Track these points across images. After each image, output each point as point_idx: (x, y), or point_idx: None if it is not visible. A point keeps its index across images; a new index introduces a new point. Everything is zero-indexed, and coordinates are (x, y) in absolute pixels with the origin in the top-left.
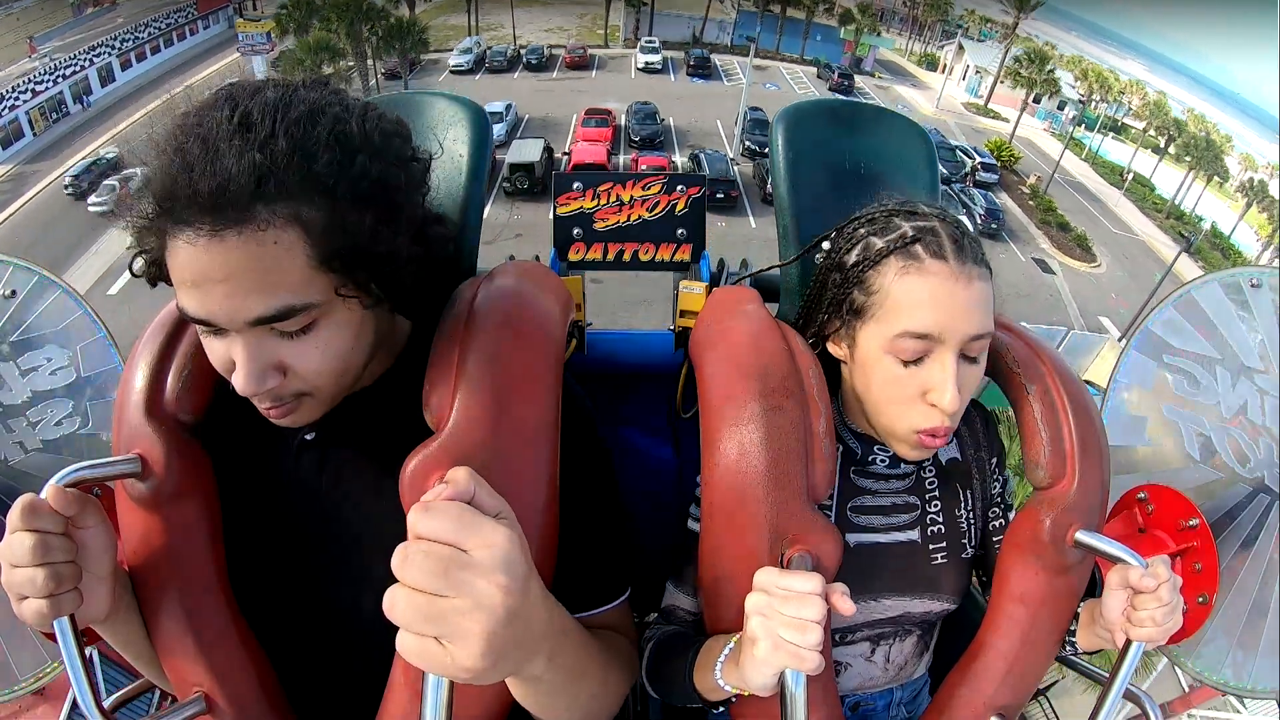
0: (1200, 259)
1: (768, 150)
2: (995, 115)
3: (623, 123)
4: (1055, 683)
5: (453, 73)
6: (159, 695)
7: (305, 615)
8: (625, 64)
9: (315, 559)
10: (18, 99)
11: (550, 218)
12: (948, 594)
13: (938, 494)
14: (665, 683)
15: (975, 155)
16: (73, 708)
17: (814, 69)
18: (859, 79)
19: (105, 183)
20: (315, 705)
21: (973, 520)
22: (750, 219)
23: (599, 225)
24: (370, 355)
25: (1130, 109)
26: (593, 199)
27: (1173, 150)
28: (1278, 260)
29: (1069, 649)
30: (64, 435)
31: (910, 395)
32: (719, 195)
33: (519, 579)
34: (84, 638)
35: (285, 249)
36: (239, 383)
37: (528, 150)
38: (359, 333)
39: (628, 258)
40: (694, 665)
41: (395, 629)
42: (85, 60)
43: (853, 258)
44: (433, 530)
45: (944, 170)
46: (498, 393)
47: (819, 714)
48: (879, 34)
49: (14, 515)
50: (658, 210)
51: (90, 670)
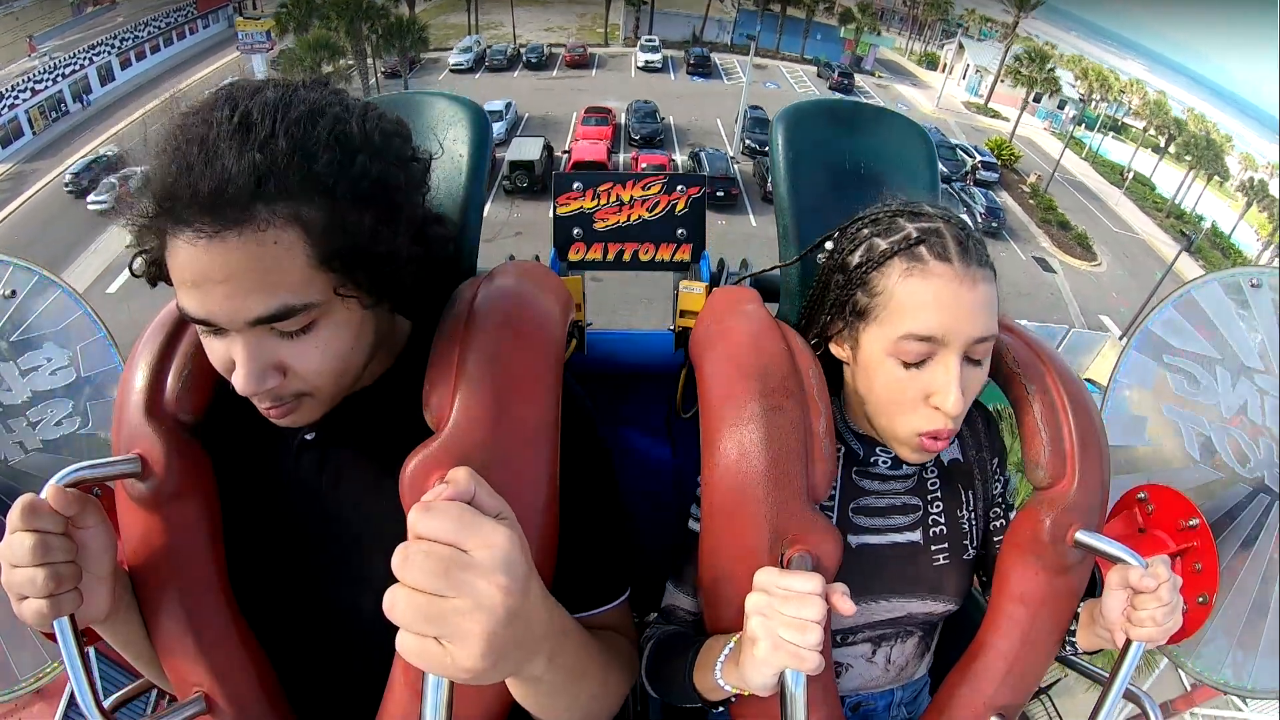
0: (1201, 258)
1: (768, 149)
2: (995, 114)
3: (623, 121)
4: (1057, 681)
5: (452, 71)
6: (159, 695)
7: (305, 615)
8: (625, 63)
9: (315, 559)
10: (17, 98)
11: (550, 216)
12: (949, 595)
13: (940, 495)
14: (665, 682)
15: (975, 154)
16: (69, 706)
17: (814, 68)
18: (859, 78)
19: (105, 181)
20: (315, 705)
21: (974, 521)
22: (750, 217)
23: (599, 225)
24: (370, 355)
25: (1130, 108)
26: (593, 199)
27: (1173, 149)
28: (1278, 260)
29: (1069, 649)
30: (64, 435)
31: (913, 398)
32: (719, 193)
33: (519, 579)
34: (84, 638)
35: (285, 249)
36: (239, 383)
37: (527, 148)
38: (359, 333)
39: (628, 258)
40: (694, 665)
41: (395, 629)
42: (85, 59)
43: (856, 259)
44: (433, 530)
45: (944, 169)
46: (498, 393)
47: (819, 714)
48: (879, 33)
49: (14, 515)
50: (658, 210)
51: (90, 670)
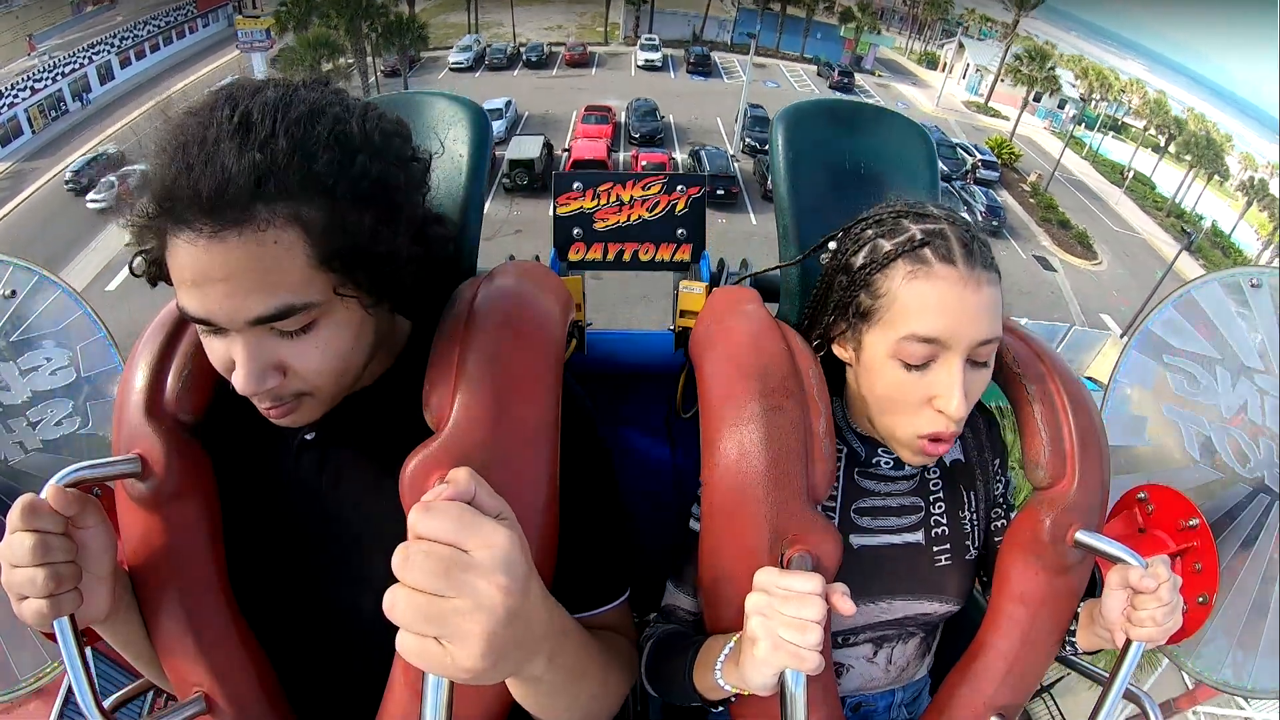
0: (1201, 257)
1: (767, 148)
2: (995, 113)
3: (623, 120)
4: (1059, 680)
5: (452, 70)
6: (159, 695)
7: (305, 615)
8: (625, 62)
9: (315, 559)
10: (16, 97)
11: (550, 214)
12: (951, 596)
13: (942, 495)
14: (664, 681)
15: (975, 152)
16: (65, 703)
17: (814, 67)
18: (859, 77)
19: (104, 179)
20: (315, 705)
21: (976, 522)
22: (751, 215)
23: (599, 225)
24: (370, 355)
25: (1130, 108)
26: (593, 199)
27: (1173, 149)
28: (1278, 260)
29: (1069, 649)
30: (64, 435)
31: (916, 401)
32: (719, 191)
33: (519, 579)
34: (84, 638)
35: (285, 249)
36: (239, 382)
37: (527, 146)
38: (359, 333)
39: (628, 258)
40: (693, 664)
41: (395, 629)
42: (84, 58)
43: (859, 260)
44: (433, 530)
45: (945, 167)
46: (498, 393)
47: (819, 714)
48: (879, 32)
49: (14, 515)
50: (658, 210)
51: (90, 670)
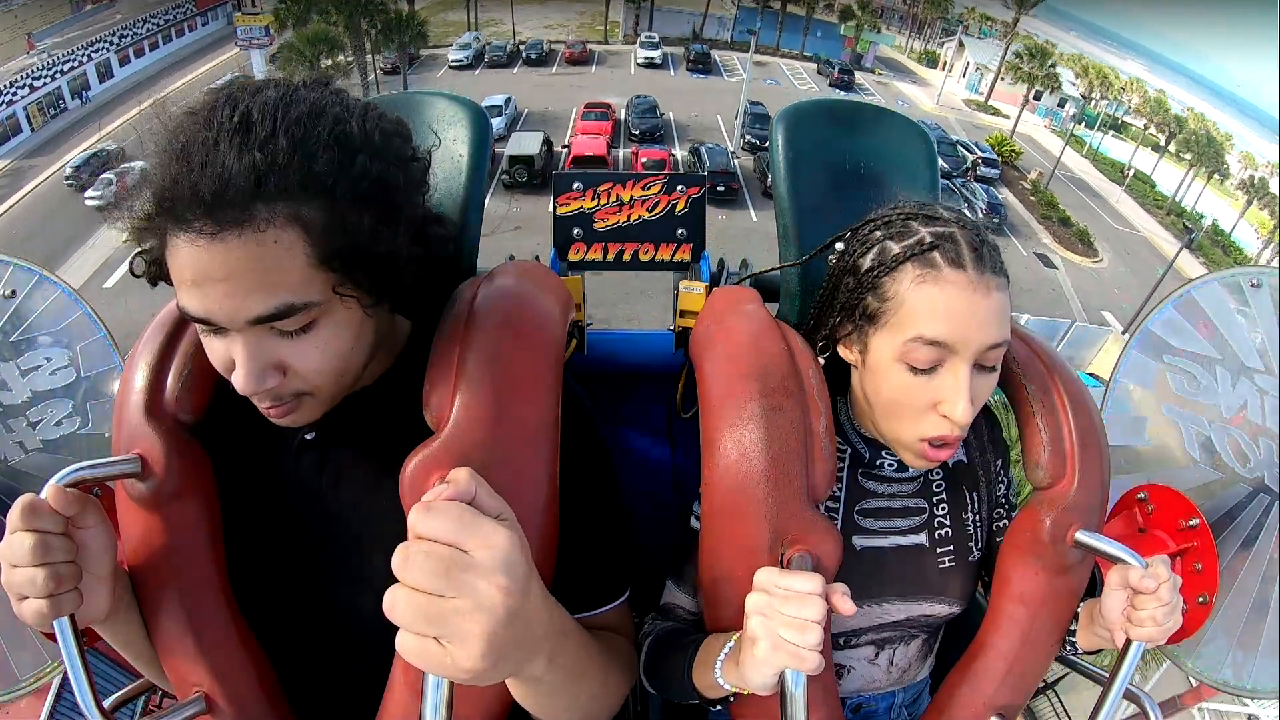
0: (1201, 255)
1: (768, 145)
2: (995, 111)
3: (622, 117)
4: (1063, 677)
5: (452, 68)
6: (159, 695)
7: (305, 615)
8: (625, 60)
9: (315, 559)
10: (15, 95)
11: (549, 210)
12: (954, 597)
13: (945, 497)
14: (663, 679)
15: (976, 150)
16: (56, 700)
17: (814, 65)
18: (859, 75)
19: (102, 177)
20: (315, 705)
21: (979, 523)
22: (751, 212)
23: (599, 225)
24: (370, 355)
25: (1130, 107)
26: (593, 199)
27: (1173, 148)
28: (1278, 259)
29: (1069, 649)
30: (64, 435)
31: (921, 405)
32: (719, 188)
33: (519, 580)
34: (84, 638)
35: (285, 248)
36: (239, 382)
37: (527, 143)
38: (359, 332)
39: (628, 258)
40: (693, 663)
41: (395, 629)
42: (83, 56)
43: (867, 262)
44: (433, 530)
45: (945, 165)
46: (498, 393)
47: (819, 714)
48: (879, 31)
49: (14, 515)
50: (658, 210)
51: (90, 670)
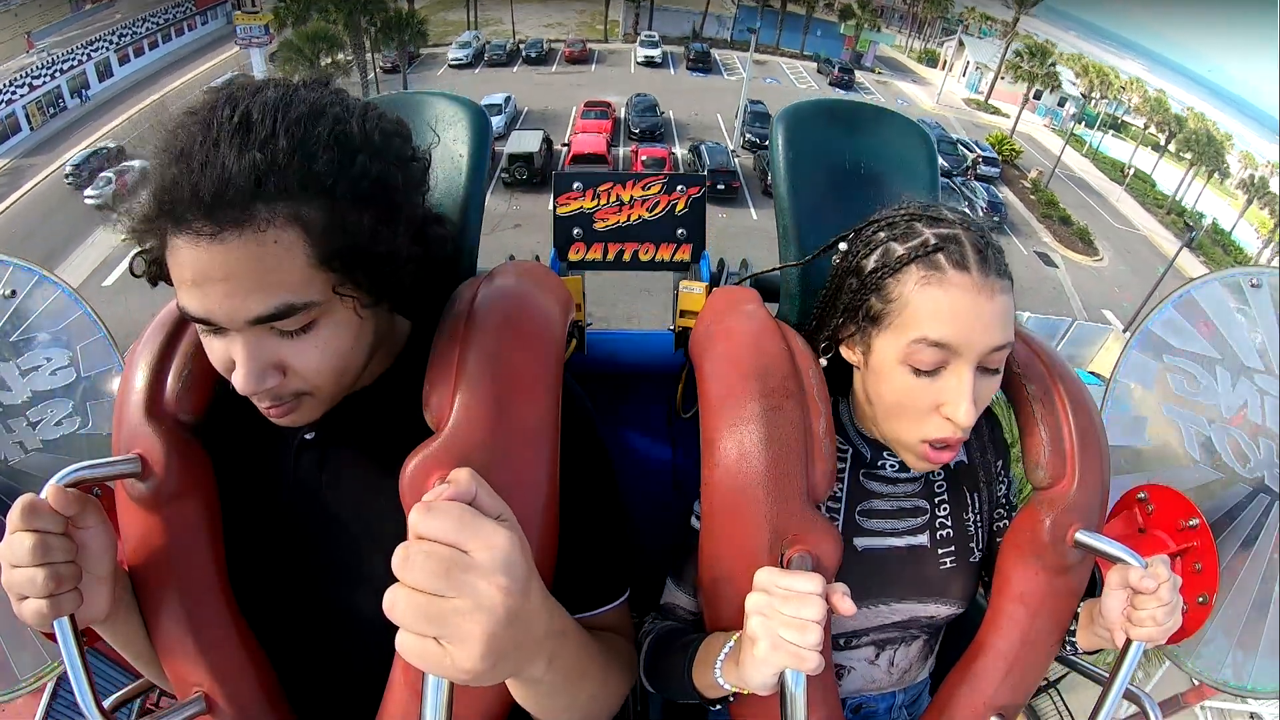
0: (1202, 253)
1: (768, 143)
2: (996, 110)
3: (622, 115)
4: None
5: (451, 66)
6: (156, 695)
7: (305, 615)
8: (625, 58)
9: (315, 559)
10: (15, 93)
11: (549, 208)
12: (955, 598)
13: (946, 498)
14: (663, 678)
15: (976, 149)
16: (52, 700)
17: (814, 64)
18: (859, 74)
19: (101, 175)
20: (315, 705)
21: (980, 524)
22: (751, 210)
23: (599, 225)
24: (370, 355)
25: (1130, 106)
26: (593, 199)
27: (1173, 147)
28: (1278, 259)
29: (1069, 649)
30: (64, 435)
31: (924, 407)
32: (719, 186)
33: (520, 581)
34: (84, 638)
35: (285, 248)
36: (239, 382)
37: (527, 141)
38: (359, 332)
39: (628, 258)
40: (693, 662)
41: (395, 629)
42: (83, 55)
43: (871, 263)
44: (434, 531)
45: (945, 164)
46: (498, 393)
47: (819, 714)
48: (879, 30)
49: (14, 515)
50: (658, 210)
51: (90, 670)
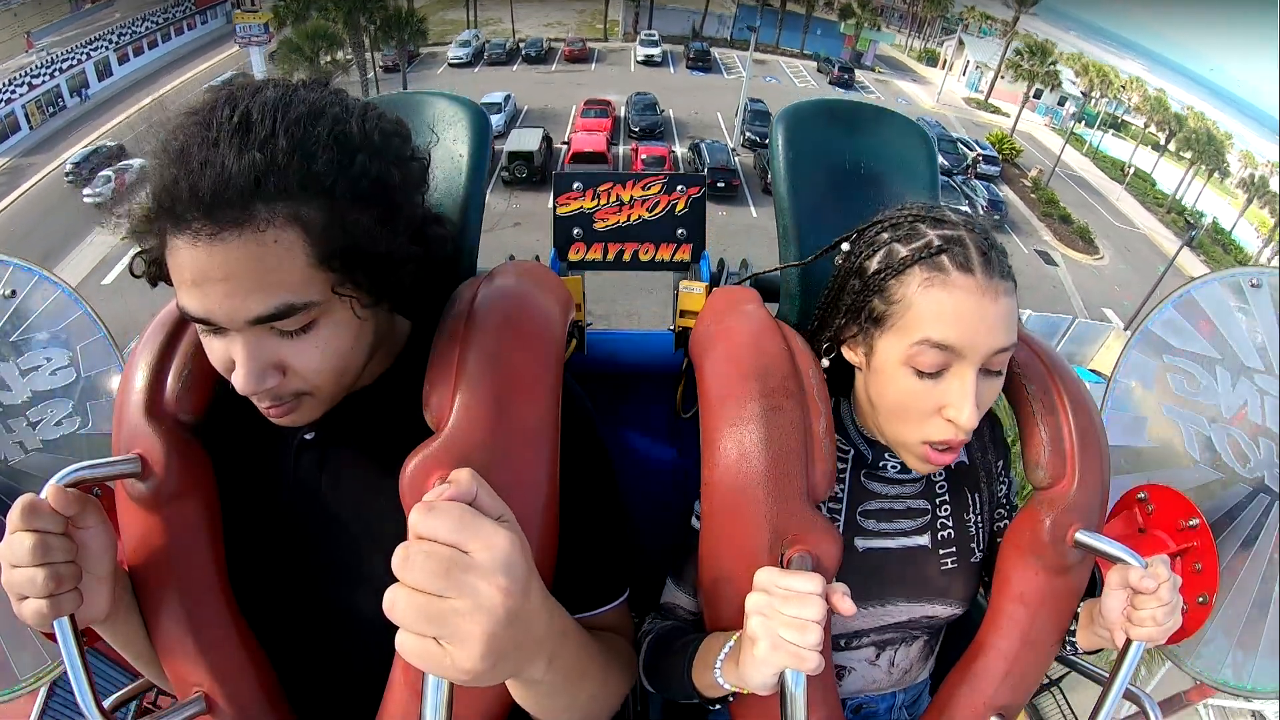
0: (1202, 252)
1: (768, 141)
2: (996, 110)
3: (622, 114)
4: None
5: (451, 65)
6: (154, 694)
7: (305, 615)
8: (624, 57)
9: (315, 559)
10: (14, 93)
11: (549, 206)
12: (956, 599)
13: (948, 499)
14: (662, 677)
15: (976, 147)
16: (48, 698)
17: (814, 63)
18: (859, 73)
19: (100, 174)
20: (315, 705)
21: (981, 524)
22: (751, 208)
23: (599, 225)
24: (370, 355)
25: (1130, 105)
26: (593, 199)
27: (1173, 146)
28: (1278, 259)
29: (1069, 648)
30: (64, 435)
31: (927, 409)
32: (720, 184)
33: (520, 581)
34: (84, 638)
35: (285, 248)
36: (238, 382)
37: (526, 139)
38: (358, 332)
39: (628, 258)
40: (692, 662)
41: (395, 629)
42: (82, 54)
43: (874, 264)
44: (434, 531)
45: (946, 162)
46: (498, 393)
47: (819, 714)
48: (879, 29)
49: (14, 515)
50: (658, 210)
51: (90, 670)
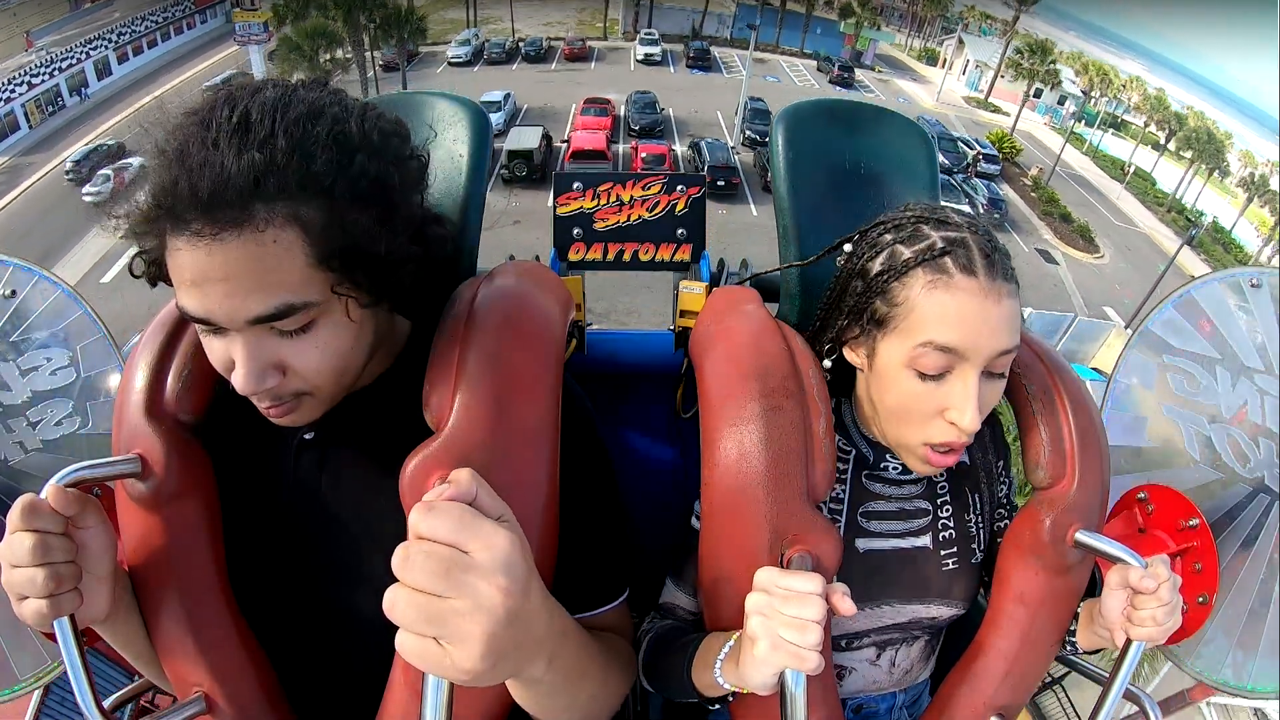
0: (1202, 251)
1: (767, 140)
2: (996, 109)
3: (622, 112)
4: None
5: (451, 64)
6: (153, 694)
7: (305, 615)
8: (624, 56)
9: (315, 559)
10: (13, 92)
11: (548, 205)
12: (957, 599)
13: (949, 499)
14: (662, 677)
15: (976, 146)
16: (43, 698)
17: (814, 62)
18: (859, 73)
19: (100, 172)
20: (315, 705)
21: (981, 525)
22: (751, 206)
23: (599, 225)
24: (370, 355)
25: (1130, 105)
26: (593, 199)
27: (1173, 145)
28: (1278, 258)
29: (1069, 648)
30: (64, 435)
31: (929, 411)
32: (720, 183)
33: (520, 581)
34: (84, 638)
35: (284, 248)
36: (238, 382)
37: (526, 137)
38: (358, 332)
39: (628, 258)
40: (692, 662)
41: (395, 629)
42: (81, 54)
43: (877, 266)
44: (434, 531)
45: (946, 161)
46: (498, 393)
47: (819, 714)
48: (878, 28)
49: (14, 515)
50: (658, 210)
51: (90, 670)
